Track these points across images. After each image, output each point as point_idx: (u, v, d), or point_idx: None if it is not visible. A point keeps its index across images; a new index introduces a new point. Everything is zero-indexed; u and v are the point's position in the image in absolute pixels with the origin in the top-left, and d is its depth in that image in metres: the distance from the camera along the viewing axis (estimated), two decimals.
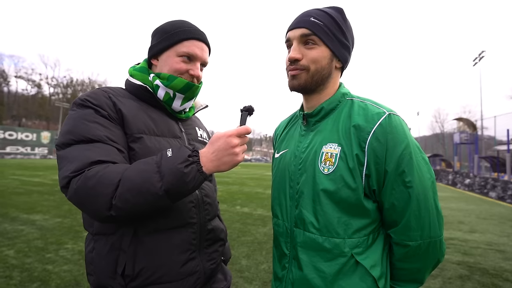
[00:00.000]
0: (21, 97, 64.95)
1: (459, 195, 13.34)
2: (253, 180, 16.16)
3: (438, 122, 53.61)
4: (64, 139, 0.79)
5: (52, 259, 3.49)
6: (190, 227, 0.91)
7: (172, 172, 0.72)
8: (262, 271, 3.34)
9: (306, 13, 0.87)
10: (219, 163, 0.79)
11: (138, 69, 1.00)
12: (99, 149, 0.77)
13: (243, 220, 5.94)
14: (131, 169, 0.74)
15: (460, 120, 31.57)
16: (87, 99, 0.84)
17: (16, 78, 64.66)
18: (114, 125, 0.84)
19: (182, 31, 0.96)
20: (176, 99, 0.98)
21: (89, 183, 0.71)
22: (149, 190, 0.71)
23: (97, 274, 0.83)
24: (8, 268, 3.17)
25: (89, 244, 0.88)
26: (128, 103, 0.92)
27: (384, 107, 0.83)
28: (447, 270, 3.58)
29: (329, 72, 0.88)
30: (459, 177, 19.15)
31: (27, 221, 5.25)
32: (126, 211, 0.72)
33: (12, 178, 12.64)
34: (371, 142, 0.77)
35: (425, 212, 0.78)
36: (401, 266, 0.85)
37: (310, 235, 0.83)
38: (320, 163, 0.83)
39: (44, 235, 4.43)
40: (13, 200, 7.30)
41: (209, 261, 0.95)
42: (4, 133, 41.22)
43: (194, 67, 0.97)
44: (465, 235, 5.41)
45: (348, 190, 0.79)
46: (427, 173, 0.81)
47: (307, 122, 0.94)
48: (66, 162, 0.76)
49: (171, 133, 0.97)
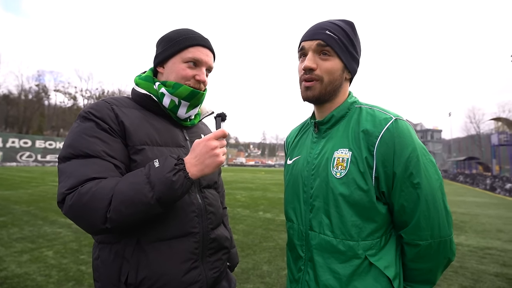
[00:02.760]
0: (59, 109, 70.26)
1: (498, 201, 12.33)
2: (276, 186, 16.09)
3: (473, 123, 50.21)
4: (65, 153, 0.82)
5: (85, 260, 3.73)
6: (192, 236, 0.92)
7: (162, 181, 0.76)
8: (283, 277, 3.32)
9: (321, 25, 0.92)
10: (203, 166, 0.83)
11: (143, 78, 1.02)
12: (96, 165, 0.80)
13: (266, 226, 5.94)
14: (122, 183, 0.77)
15: (499, 120, 29.38)
16: (90, 112, 0.87)
17: (55, 92, 70.20)
18: (114, 139, 0.86)
19: (187, 38, 0.98)
20: (181, 106, 0.99)
21: (83, 199, 0.74)
22: (142, 201, 0.75)
23: (102, 281, 0.86)
24: (48, 268, 3.44)
25: (95, 251, 0.91)
26: (131, 114, 0.93)
27: (391, 112, 0.87)
28: (483, 282, 3.33)
29: (340, 83, 0.93)
30: (498, 181, 17.71)
31: (64, 225, 5.65)
32: (121, 223, 0.75)
33: (52, 184, 13.66)
34: (379, 146, 0.81)
35: (434, 212, 0.81)
36: (413, 266, 0.87)
37: (325, 237, 0.86)
38: (333, 168, 0.87)
39: (79, 238, 4.75)
40: (52, 205, 7.88)
41: (211, 270, 0.96)
42: (45, 142, 44.73)
43: (200, 72, 0.99)
44: (505, 245, 5.00)
45: (360, 192, 0.82)
46: (434, 174, 0.83)
47: (318, 130, 0.98)
48: (63, 177, 0.79)
49: (174, 142, 0.99)
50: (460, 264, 3.94)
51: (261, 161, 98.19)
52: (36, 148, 43.49)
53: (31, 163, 42.19)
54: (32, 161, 42.55)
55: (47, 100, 67.08)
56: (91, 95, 75.43)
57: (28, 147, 42.55)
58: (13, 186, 12.29)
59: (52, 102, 69.31)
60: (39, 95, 64.28)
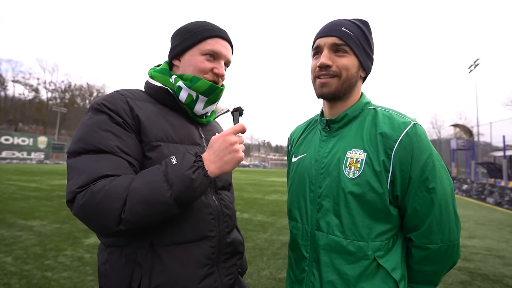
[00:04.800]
0: (18, 102, 64.68)
1: (457, 201, 13.34)
2: (252, 186, 16.12)
3: (435, 128, 53.99)
4: (75, 147, 0.76)
5: (51, 265, 3.45)
6: (209, 240, 0.87)
7: (181, 179, 0.72)
8: (264, 277, 3.32)
9: (337, 22, 0.91)
10: (222, 163, 0.79)
11: (159, 70, 0.97)
12: (109, 161, 0.75)
13: (243, 226, 5.90)
14: (138, 181, 0.72)
15: (457, 126, 31.84)
16: (103, 103, 0.81)
17: (13, 83, 64.54)
18: (128, 134, 0.81)
19: (206, 29, 0.94)
20: (199, 101, 0.94)
21: (96, 199, 0.68)
22: (159, 200, 0.70)
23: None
24: (6, 275, 3.13)
25: (103, 255, 0.84)
26: (146, 108, 0.88)
27: (408, 117, 0.87)
28: (448, 276, 3.58)
29: (356, 80, 0.92)
30: (456, 183, 19.22)
31: (24, 227, 5.18)
32: (136, 224, 0.70)
33: (9, 183, 12.49)
34: (397, 150, 0.81)
35: (446, 217, 0.83)
36: (419, 268, 0.88)
37: (334, 237, 0.85)
38: (345, 168, 0.86)
39: (43, 242, 4.38)
40: (10, 205, 7.20)
41: (227, 276, 0.92)
42: (0, 137, 40.90)
43: (218, 65, 0.94)
44: (465, 241, 5.42)
45: (374, 194, 0.82)
46: (447, 180, 0.85)
47: (329, 128, 0.96)
48: (74, 174, 0.73)
49: (190, 140, 0.93)
50: None
51: None
52: None
53: None
54: None
55: (4, 91, 61.53)
56: (56, 88, 70.52)
57: None
58: None
59: (10, 93, 63.67)
60: None
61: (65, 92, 72.20)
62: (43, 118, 63.71)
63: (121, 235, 0.72)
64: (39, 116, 64.02)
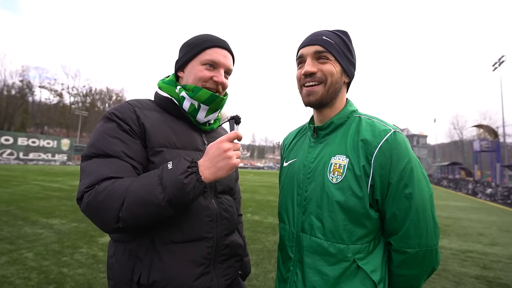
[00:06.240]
0: (44, 106, 68.25)
1: (479, 206, 12.76)
2: (265, 188, 16.11)
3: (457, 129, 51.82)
4: (87, 151, 0.85)
5: (67, 262, 3.62)
6: (206, 241, 0.91)
7: (173, 183, 0.76)
8: (270, 280, 3.32)
9: (318, 32, 0.96)
10: (215, 169, 0.83)
11: (166, 82, 1.04)
12: (114, 165, 0.82)
13: (253, 228, 5.93)
14: (136, 183, 0.78)
15: (480, 127, 30.42)
16: (113, 113, 0.89)
17: (40, 88, 68.12)
18: (134, 140, 0.88)
19: (204, 41, 1.00)
20: (201, 110, 1.00)
21: (99, 198, 0.76)
22: (153, 202, 0.75)
23: (116, 280, 0.87)
24: (27, 270, 3.31)
25: (111, 249, 0.92)
26: (152, 116, 0.94)
27: (390, 125, 0.90)
28: (464, 285, 3.43)
29: (340, 86, 0.95)
30: (480, 186, 18.34)
31: (45, 225, 5.46)
32: (132, 222, 0.76)
33: (34, 183, 13.19)
34: (377, 156, 0.84)
35: (423, 222, 0.84)
36: (399, 272, 0.89)
37: (316, 240, 0.88)
38: (329, 173, 0.89)
39: (61, 239, 4.60)
40: (34, 204, 7.61)
41: (223, 277, 0.95)
42: (28, 140, 43.25)
43: (217, 74, 0.99)
44: (485, 248, 5.17)
45: (355, 199, 0.84)
46: (426, 186, 0.86)
47: (317, 135, 1.00)
48: (84, 175, 0.82)
49: (192, 146, 0.99)
50: (443, 267, 4.04)
51: (250, 163, 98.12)
52: (18, 145, 41.97)
53: (12, 161, 40.63)
54: (14, 159, 41.00)
55: (32, 97, 65.02)
56: (78, 93, 73.70)
57: (10, 145, 41.00)
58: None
59: (37, 98, 67.29)
60: (22, 91, 62.17)
61: (86, 96, 75.43)
62: (66, 121, 66.83)
63: (120, 231, 0.79)
64: (62, 119, 67.22)
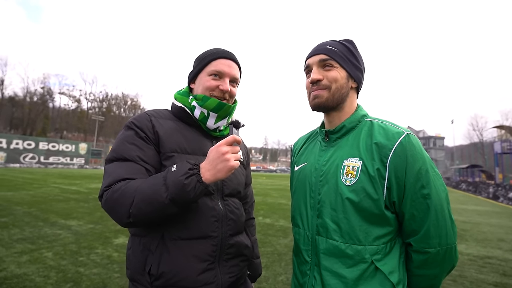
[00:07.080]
0: (63, 112, 70.98)
1: (501, 210, 12.22)
2: (277, 191, 16.07)
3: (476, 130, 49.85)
4: (110, 156, 0.97)
5: (84, 262, 3.76)
6: (211, 239, 0.98)
7: (175, 183, 0.84)
8: (280, 283, 3.33)
9: (322, 43, 1.00)
10: (215, 171, 0.89)
11: (180, 93, 1.14)
12: (129, 168, 0.93)
13: (265, 231, 5.94)
14: (144, 184, 0.87)
15: (502, 127, 29.23)
16: (133, 122, 1.01)
17: (59, 95, 70.94)
18: (149, 146, 0.99)
19: (211, 54, 1.10)
20: (210, 117, 1.08)
21: (114, 196, 0.86)
22: (157, 200, 0.84)
23: (131, 269, 0.97)
24: (47, 269, 3.47)
25: (129, 242, 1.03)
26: (166, 125, 1.05)
27: (402, 127, 0.91)
28: None
29: (347, 91, 0.97)
30: (501, 190, 17.56)
31: (64, 226, 5.68)
32: (141, 218, 0.85)
33: (54, 186, 13.74)
34: (392, 158, 0.85)
35: (442, 221, 0.85)
36: (420, 272, 0.89)
37: (333, 242, 0.88)
38: (342, 175, 0.90)
39: (78, 240, 4.77)
40: (53, 206, 7.94)
41: (228, 274, 1.01)
42: (48, 144, 45.14)
43: (223, 83, 1.07)
44: (506, 254, 4.96)
45: (369, 201, 0.85)
46: (441, 186, 0.88)
47: (328, 138, 1.02)
48: (105, 176, 0.93)
49: (202, 151, 1.06)
50: (460, 273, 3.91)
51: (262, 166, 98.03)
52: (39, 150, 43.85)
53: (34, 164, 42.43)
54: (35, 163, 42.82)
55: (52, 103, 67.80)
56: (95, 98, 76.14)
57: (32, 149, 42.89)
58: (16, 187, 12.37)
59: (57, 104, 70.10)
60: (44, 97, 64.96)
61: (103, 102, 77.91)
62: (83, 126, 69.22)
63: (132, 226, 0.89)
64: (80, 124, 69.67)
